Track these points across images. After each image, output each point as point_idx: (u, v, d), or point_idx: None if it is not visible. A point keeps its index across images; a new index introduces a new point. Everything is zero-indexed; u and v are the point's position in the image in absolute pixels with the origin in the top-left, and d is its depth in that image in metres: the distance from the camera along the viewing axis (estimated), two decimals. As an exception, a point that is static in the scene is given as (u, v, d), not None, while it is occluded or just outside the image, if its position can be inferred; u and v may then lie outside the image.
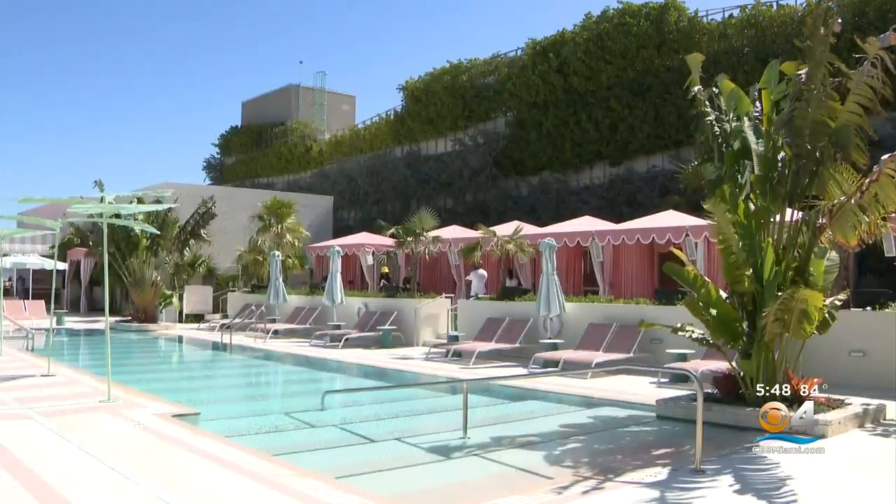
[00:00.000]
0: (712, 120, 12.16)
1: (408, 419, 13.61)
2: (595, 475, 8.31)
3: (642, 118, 37.52)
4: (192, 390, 17.25)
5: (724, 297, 11.81)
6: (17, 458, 8.93)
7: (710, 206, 11.17)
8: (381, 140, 54.27)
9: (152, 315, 33.04)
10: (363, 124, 59.61)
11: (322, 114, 68.29)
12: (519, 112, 43.96)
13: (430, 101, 49.04)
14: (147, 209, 15.90)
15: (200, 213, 34.97)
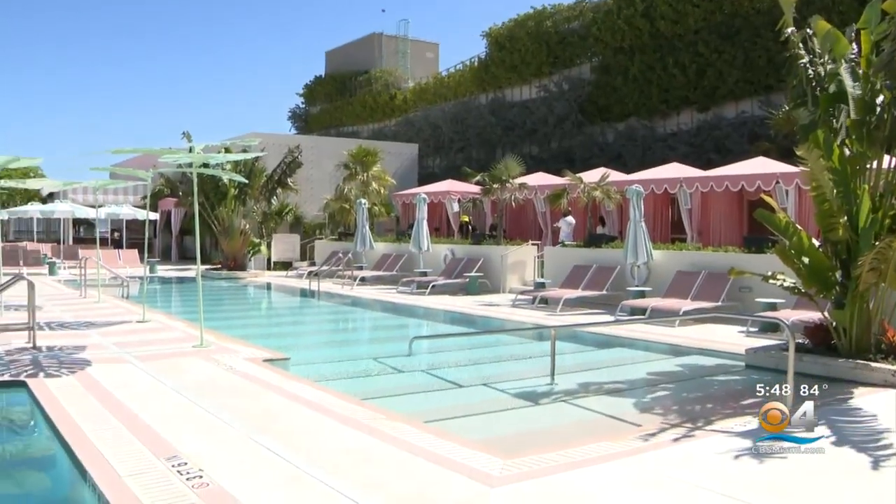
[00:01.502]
0: (806, 63, 11.82)
1: (494, 365, 13.69)
2: (684, 423, 8.29)
3: (731, 62, 36.72)
4: (281, 336, 17.57)
5: (816, 246, 11.56)
6: (118, 399, 9.25)
7: (802, 152, 10.88)
8: (465, 87, 54.06)
9: (241, 263, 33.60)
10: (447, 72, 59.44)
11: (406, 62, 68.21)
12: (604, 57, 43.38)
13: (514, 47, 48.63)
14: (235, 158, 16.10)
15: (287, 163, 35.30)
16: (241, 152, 22.01)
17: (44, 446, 8.61)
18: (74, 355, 12.37)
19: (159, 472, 6.54)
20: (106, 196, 44.42)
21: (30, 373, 10.94)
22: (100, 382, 10.24)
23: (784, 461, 6.78)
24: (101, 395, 9.47)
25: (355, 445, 7.39)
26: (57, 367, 11.41)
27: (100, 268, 23.60)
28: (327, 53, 75.45)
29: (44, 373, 10.95)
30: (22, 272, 17.11)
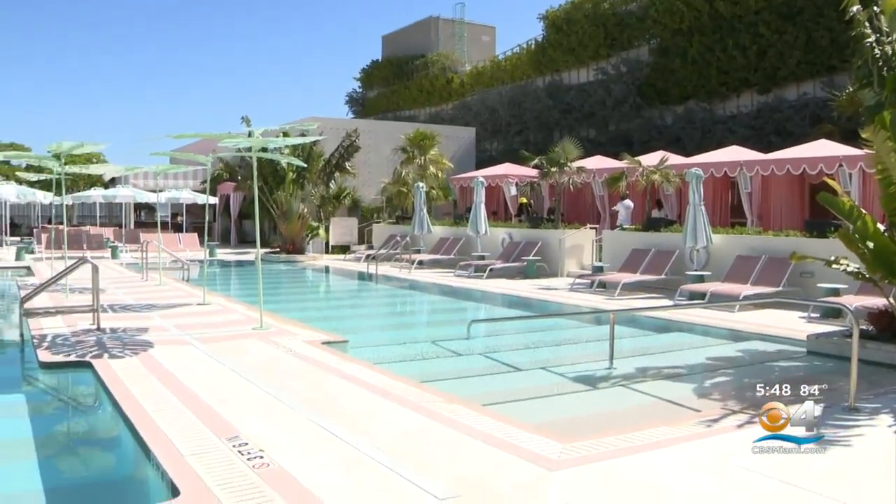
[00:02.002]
0: (872, 42, 11.57)
1: (552, 349, 13.68)
2: (745, 409, 8.18)
3: (792, 43, 36.04)
4: (339, 319, 17.70)
5: (882, 230, 11.35)
6: (180, 381, 9.38)
7: (868, 135, 10.63)
8: (522, 70, 53.78)
9: (300, 246, 33.85)
10: (504, 55, 59.14)
11: (462, 45, 67.97)
12: (663, 39, 42.84)
13: (572, 29, 48.24)
14: (294, 142, 16.21)
15: (345, 146, 35.45)
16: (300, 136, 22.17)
17: (108, 425, 8.79)
18: (137, 337, 12.57)
19: (221, 452, 6.63)
20: (166, 181, 45.00)
21: (94, 353, 11.15)
22: (161, 363, 10.41)
23: (847, 449, 6.70)
24: (163, 376, 9.62)
25: (414, 428, 7.42)
26: (120, 348, 11.61)
27: (161, 251, 23.93)
28: (384, 38, 75.47)
29: (108, 354, 11.16)
30: (86, 256, 17.37)
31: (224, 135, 15.01)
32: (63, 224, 21.61)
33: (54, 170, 20.58)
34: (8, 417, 9.54)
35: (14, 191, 40.93)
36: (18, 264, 29.48)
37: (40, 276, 22.91)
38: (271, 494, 5.64)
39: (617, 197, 28.06)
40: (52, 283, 15.21)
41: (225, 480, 5.93)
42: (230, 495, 5.63)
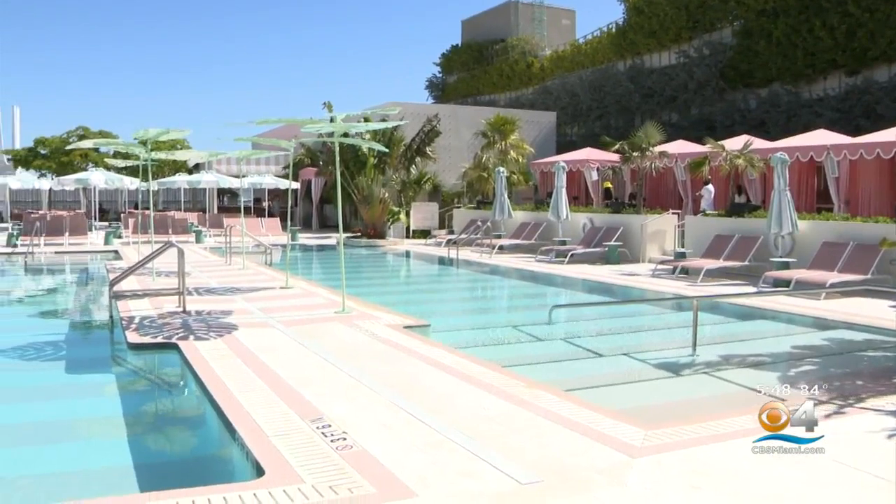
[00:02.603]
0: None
1: (634, 335, 13.58)
2: (833, 399, 8.00)
3: (884, 21, 35.00)
4: (420, 303, 17.75)
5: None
6: (264, 362, 9.52)
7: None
8: (602, 54, 53.29)
9: (381, 231, 34.04)
10: (584, 39, 58.64)
11: (542, 29, 67.55)
12: (746, 21, 42.00)
13: (653, 12, 47.62)
14: (375, 127, 16.24)
15: (425, 131, 35.53)
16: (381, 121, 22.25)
17: (194, 405, 8.96)
18: (221, 319, 12.78)
19: (304, 433, 6.71)
20: (248, 166, 45.60)
21: (180, 335, 11.37)
22: (246, 345, 10.56)
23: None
24: (248, 358, 9.76)
25: (495, 412, 7.42)
26: (205, 330, 11.82)
27: (244, 236, 24.27)
28: (464, 22, 75.35)
29: (193, 335, 11.36)
30: (171, 240, 17.70)
31: (306, 120, 15.12)
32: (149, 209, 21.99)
33: (141, 156, 20.97)
34: (99, 396, 9.79)
35: (103, 177, 41.84)
36: (107, 248, 30.21)
37: (128, 260, 23.44)
38: (354, 476, 5.69)
39: (699, 182, 27.70)
40: (139, 267, 15.52)
41: (309, 461, 6.00)
42: (314, 476, 5.69)
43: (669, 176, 31.93)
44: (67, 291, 21.40)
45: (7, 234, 33.58)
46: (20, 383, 10.55)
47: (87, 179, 42.18)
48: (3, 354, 11.80)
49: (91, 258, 28.66)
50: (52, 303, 19.18)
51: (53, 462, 7.41)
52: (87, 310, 17.47)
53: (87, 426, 8.54)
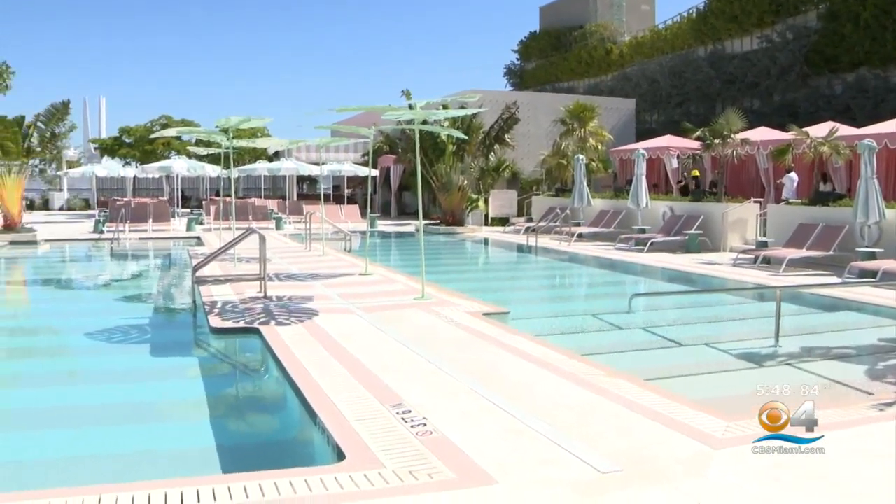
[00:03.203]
0: None
1: (715, 325, 13.40)
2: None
3: (979, 3, 33.96)
4: (499, 290, 17.74)
5: None
6: (344, 348, 9.61)
7: None
8: (682, 40, 52.54)
9: (459, 218, 34.05)
10: (664, 24, 57.90)
11: (621, 15, 66.80)
12: (832, 4, 41.01)
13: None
14: (455, 114, 16.29)
15: (504, 119, 35.47)
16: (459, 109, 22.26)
17: (275, 389, 9.08)
18: (302, 305, 12.92)
19: (385, 418, 6.75)
20: (328, 153, 45.95)
21: (262, 320, 11.53)
22: (326, 331, 10.67)
23: None
24: (328, 343, 9.86)
25: (575, 400, 7.39)
26: (286, 315, 11.96)
27: (323, 222, 24.49)
28: (541, 9, 74.84)
29: (274, 321, 11.51)
30: (252, 227, 17.97)
31: (386, 107, 15.20)
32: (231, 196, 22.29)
33: (222, 144, 21.28)
34: (182, 379, 9.99)
35: (185, 165, 42.58)
36: (189, 235, 30.76)
37: (209, 246, 23.82)
38: (435, 462, 5.71)
39: (781, 170, 27.18)
40: (221, 253, 15.76)
41: (389, 446, 6.04)
42: (394, 461, 5.73)
43: (751, 164, 31.39)
44: (151, 277, 21.85)
45: (94, 220, 34.42)
46: (107, 366, 10.81)
47: (169, 167, 42.96)
48: (91, 337, 12.09)
49: (174, 244, 29.22)
50: (137, 287, 19.61)
51: (139, 442, 7.58)
52: (170, 295, 17.82)
53: (172, 408, 8.71)
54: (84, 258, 26.72)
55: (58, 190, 57.62)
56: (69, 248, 28.95)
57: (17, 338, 13.85)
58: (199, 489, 5.31)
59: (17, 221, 29.59)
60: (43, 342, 13.34)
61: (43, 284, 21.21)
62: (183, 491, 5.27)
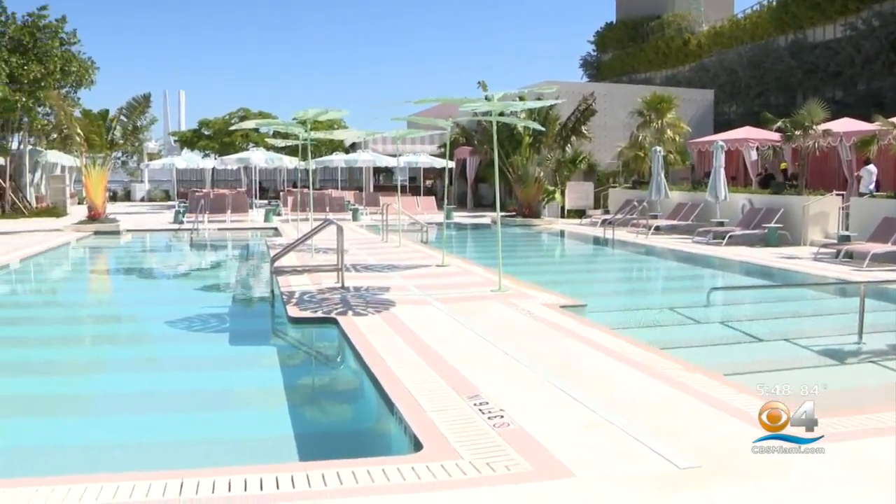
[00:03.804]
0: None
1: (795, 320, 13.20)
2: None
3: None
4: (575, 283, 17.66)
5: None
6: (421, 339, 9.65)
7: None
8: (762, 29, 51.60)
9: (535, 210, 33.90)
10: (743, 13, 56.93)
11: (699, 4, 65.79)
12: (921, -11, 40.00)
13: (818, -16, 45.82)
14: (532, 105, 16.19)
15: (581, 110, 35.20)
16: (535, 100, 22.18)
17: (353, 378, 9.16)
18: (379, 296, 13.01)
19: (462, 409, 6.77)
20: (404, 145, 46.12)
21: (339, 311, 11.64)
22: (403, 322, 10.73)
23: None
24: (405, 334, 9.91)
25: (654, 394, 7.32)
26: (363, 306, 12.06)
27: (400, 214, 24.61)
28: (618, 0, 74.27)
29: (352, 311, 11.61)
30: (329, 218, 18.14)
31: (463, 99, 15.17)
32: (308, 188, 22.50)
33: (300, 136, 21.46)
34: (261, 367, 10.13)
35: (263, 156, 43.09)
36: (267, 225, 31.17)
37: (287, 237, 24.09)
38: (512, 454, 5.71)
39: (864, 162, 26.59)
40: (299, 244, 15.91)
41: (466, 438, 6.05)
42: (471, 453, 5.74)
43: (833, 155, 30.74)
44: (230, 266, 22.20)
45: (174, 211, 35.05)
46: (187, 353, 11.02)
47: (248, 159, 43.51)
48: (171, 325, 12.33)
49: (252, 235, 29.62)
50: (216, 277, 19.95)
51: (218, 429, 7.72)
52: (248, 284, 18.08)
53: (250, 396, 8.84)
54: (164, 248, 27.24)
55: (139, 181, 58.83)
56: (150, 238, 29.57)
57: (100, 325, 14.21)
58: (279, 476, 5.38)
59: (101, 212, 30.36)
60: (125, 329, 13.67)
61: (125, 273, 21.70)
62: (262, 477, 5.35)
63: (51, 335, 12.90)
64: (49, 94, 33.95)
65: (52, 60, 35.43)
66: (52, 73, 35.28)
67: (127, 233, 29.60)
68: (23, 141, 39.45)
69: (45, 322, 14.41)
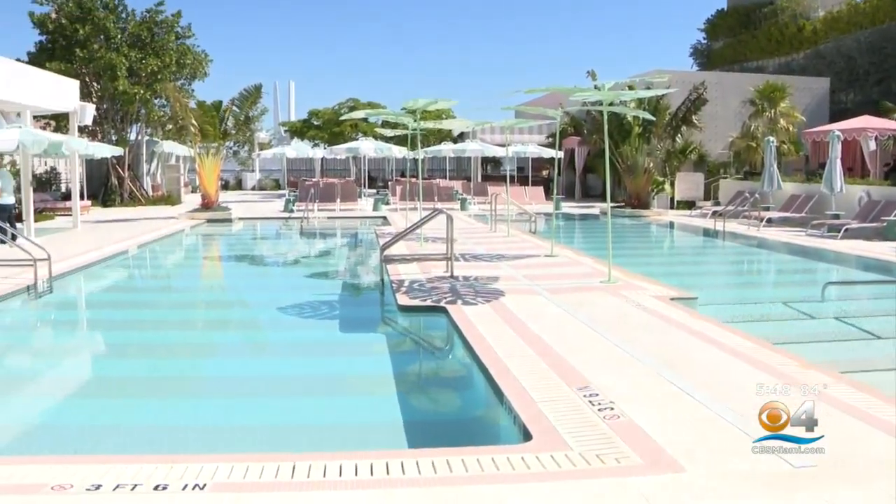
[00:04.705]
0: None
1: (916, 317, 12.79)
2: None
3: None
4: (685, 275, 17.43)
5: None
6: (530, 328, 9.66)
7: None
8: (883, 12, 49.92)
9: (644, 201, 33.52)
10: (864, -4, 55.31)
11: (816, -12, 64.15)
12: None
13: (948, -37, 44.20)
14: (644, 94, 16.03)
15: (691, 100, 34.68)
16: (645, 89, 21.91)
17: (462, 367, 9.23)
18: (488, 285, 13.05)
19: (571, 400, 6.76)
20: (512, 135, 46.07)
21: (448, 300, 11.72)
22: (512, 311, 10.75)
23: None
24: (514, 324, 9.93)
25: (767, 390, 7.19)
26: (473, 295, 12.11)
27: (508, 204, 24.62)
28: (731, -14, 72.79)
29: (461, 300, 11.68)
30: (438, 207, 18.26)
31: (574, 88, 15.08)
32: (417, 177, 22.66)
33: (409, 125, 21.62)
34: (371, 354, 10.27)
35: (372, 146, 43.52)
36: (375, 214, 31.52)
37: (395, 226, 24.32)
38: (622, 446, 5.68)
39: None
40: (409, 232, 16.07)
41: (576, 429, 6.04)
42: (581, 444, 5.73)
43: (958, 145, 29.72)
44: (339, 255, 22.54)
45: (284, 200, 35.73)
46: (298, 339, 11.25)
47: (357, 148, 43.99)
48: (282, 312, 12.61)
49: (360, 223, 30.00)
50: (326, 265, 20.28)
51: (328, 414, 7.87)
52: (358, 273, 18.35)
53: (360, 383, 8.98)
54: (275, 236, 27.79)
55: (250, 171, 60.09)
56: (261, 226, 30.23)
57: (212, 310, 14.59)
58: (388, 462, 5.46)
59: (214, 200, 31.14)
60: (237, 315, 14.01)
61: (237, 260, 22.23)
62: (373, 463, 5.43)
63: (165, 319, 13.34)
64: (165, 87, 35.10)
65: (169, 54, 36.64)
66: (168, 66, 36.47)
67: (238, 221, 30.27)
68: (140, 132, 40.79)
69: (160, 306, 14.88)
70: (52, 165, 43.64)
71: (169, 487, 5.05)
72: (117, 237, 22.46)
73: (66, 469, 5.36)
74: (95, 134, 36.46)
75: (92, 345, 11.96)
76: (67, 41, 36.00)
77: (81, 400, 8.61)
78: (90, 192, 37.26)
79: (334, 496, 4.99)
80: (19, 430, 7.58)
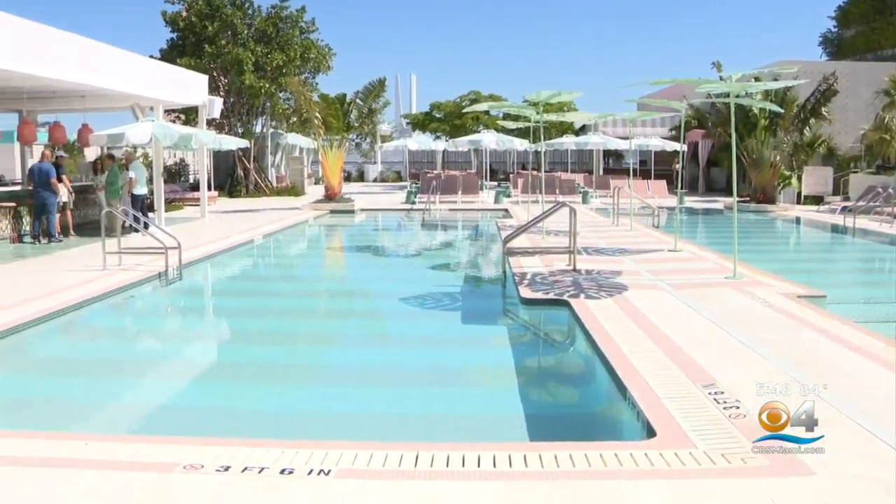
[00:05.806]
0: None
1: None
2: None
3: None
4: (813, 272, 16.98)
5: None
6: (654, 324, 9.58)
7: None
8: None
9: (770, 196, 32.75)
10: None
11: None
12: None
13: None
14: (771, 86, 15.73)
15: (821, 91, 33.81)
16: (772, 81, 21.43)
17: (585, 361, 9.23)
18: (611, 280, 12.99)
19: (696, 398, 6.68)
20: (634, 128, 45.59)
21: (571, 293, 11.70)
22: (635, 306, 10.68)
23: None
24: (638, 319, 9.87)
25: (899, 392, 7.00)
26: (595, 289, 12.06)
27: (631, 197, 24.39)
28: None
29: (584, 294, 11.65)
30: (561, 200, 18.24)
31: (700, 80, 14.85)
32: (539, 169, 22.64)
33: (531, 118, 21.59)
34: (492, 347, 10.37)
35: (494, 138, 43.59)
36: (497, 207, 31.58)
37: (517, 219, 24.36)
38: (748, 446, 5.56)
39: None
40: (532, 225, 16.07)
41: (700, 426, 5.98)
42: (706, 442, 5.67)
43: None
44: (461, 247, 22.67)
45: (406, 191, 36.10)
46: (420, 330, 11.39)
47: (479, 141, 44.10)
48: (405, 303, 12.77)
49: (482, 216, 30.09)
50: (447, 257, 20.43)
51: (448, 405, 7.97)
52: (479, 265, 18.43)
53: (482, 374, 9.05)
54: (397, 227, 28.15)
55: (372, 163, 60.91)
56: (383, 217, 30.66)
57: (335, 299, 14.89)
58: (511, 454, 5.50)
59: (337, 192, 31.71)
60: (359, 305, 14.25)
61: (359, 251, 22.61)
62: (495, 455, 5.47)
63: (288, 307, 13.68)
64: (290, 81, 35.93)
65: (293, 49, 37.52)
66: (292, 61, 37.32)
67: (361, 212, 30.75)
68: (265, 125, 41.80)
69: (284, 295, 15.26)
70: (182, 157, 45.12)
71: (295, 472, 5.21)
72: (243, 227, 23.09)
73: (198, 450, 5.58)
74: (222, 127, 37.57)
75: (218, 330, 12.40)
76: (197, 38, 37.22)
77: (208, 384, 8.92)
78: (217, 184, 38.42)
79: (457, 486, 5.06)
80: (153, 409, 7.91)
